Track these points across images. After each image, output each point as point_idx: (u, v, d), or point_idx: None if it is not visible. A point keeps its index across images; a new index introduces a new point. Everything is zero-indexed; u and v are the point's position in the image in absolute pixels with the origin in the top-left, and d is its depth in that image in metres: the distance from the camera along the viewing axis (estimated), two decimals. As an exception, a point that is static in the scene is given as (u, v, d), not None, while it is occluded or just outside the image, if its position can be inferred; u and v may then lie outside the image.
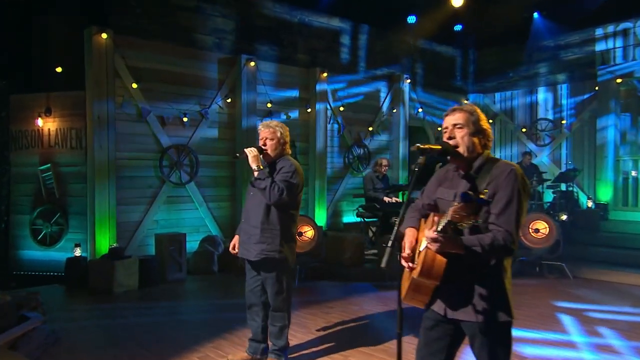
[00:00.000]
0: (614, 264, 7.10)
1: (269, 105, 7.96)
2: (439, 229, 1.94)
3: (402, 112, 9.87)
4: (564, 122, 10.09)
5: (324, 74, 8.55)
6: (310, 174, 8.57)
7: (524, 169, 5.39)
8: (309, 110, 8.57)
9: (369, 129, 9.54)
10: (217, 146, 7.56)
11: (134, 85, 6.63)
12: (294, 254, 3.62)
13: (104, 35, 6.25)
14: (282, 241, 3.47)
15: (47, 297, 5.11)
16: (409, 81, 9.92)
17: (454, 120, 2.17)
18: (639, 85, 9.18)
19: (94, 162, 6.28)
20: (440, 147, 2.13)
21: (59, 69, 6.67)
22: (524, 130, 10.67)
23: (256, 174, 3.43)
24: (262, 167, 3.44)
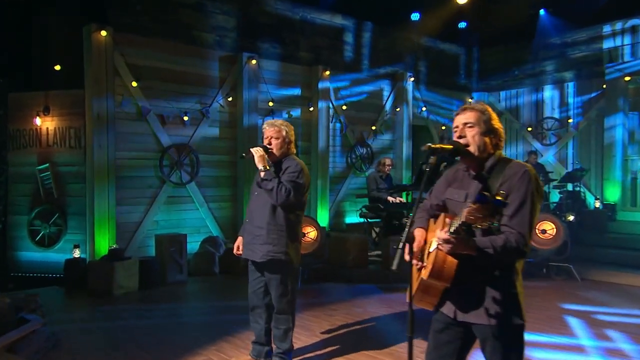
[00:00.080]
0: (623, 266, 7.02)
1: (271, 103, 7.91)
2: (452, 230, 1.91)
3: (406, 111, 9.77)
4: (570, 120, 10.01)
5: (327, 72, 8.46)
6: (312, 173, 8.47)
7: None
8: (311, 108, 8.49)
9: (372, 128, 9.44)
10: (218, 145, 7.51)
11: (134, 83, 6.57)
12: (299, 255, 3.59)
13: (103, 32, 6.21)
14: (288, 242, 3.44)
15: (45, 299, 5.08)
16: (412, 79, 9.82)
17: (465, 119, 2.14)
18: (648, 83, 9.11)
19: (93, 162, 6.23)
20: (451, 146, 2.10)
21: (58, 67, 6.61)
22: (529, 129, 10.56)
23: (263, 174, 3.39)
24: (268, 168, 3.39)
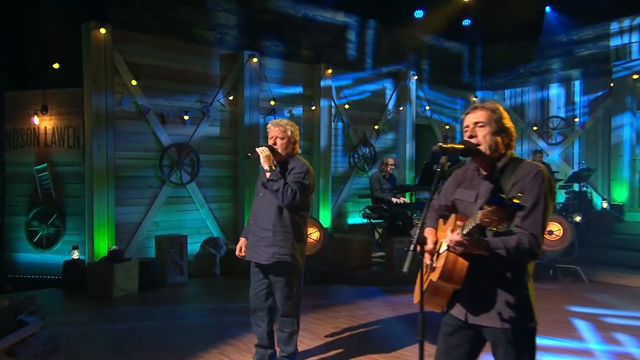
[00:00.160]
0: (631, 267, 6.91)
1: (272, 102, 7.82)
2: (465, 232, 1.89)
3: (409, 110, 9.67)
4: (576, 119, 9.88)
5: (329, 70, 8.36)
6: (314, 173, 8.37)
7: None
8: (313, 107, 8.39)
9: (375, 128, 9.33)
10: (219, 145, 7.43)
11: (134, 82, 6.50)
12: (304, 257, 3.54)
13: (102, 30, 6.14)
14: (294, 243, 3.40)
15: (44, 302, 5.00)
16: (415, 78, 9.71)
17: (476, 118, 2.11)
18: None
19: (92, 162, 6.17)
20: (462, 146, 2.07)
21: (56, 65, 6.53)
22: (534, 128, 10.43)
23: (268, 174, 3.34)
24: (274, 168, 3.35)
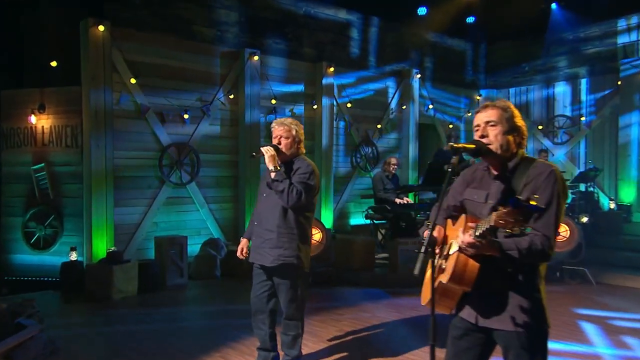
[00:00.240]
0: (639, 269, 6.80)
1: (273, 101, 7.73)
2: (478, 233, 1.86)
3: (412, 109, 9.56)
4: (583, 118, 9.75)
5: (331, 69, 8.27)
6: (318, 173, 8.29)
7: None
8: (315, 106, 8.29)
9: (378, 127, 9.21)
10: (219, 144, 7.35)
11: (133, 80, 6.43)
12: (309, 258, 3.49)
13: (100, 27, 6.09)
14: (299, 245, 3.34)
15: (42, 304, 4.96)
16: (418, 76, 9.60)
17: (487, 117, 2.08)
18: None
19: (90, 162, 6.12)
20: (474, 146, 2.05)
21: (54, 63, 6.45)
22: (540, 127, 10.31)
23: (273, 175, 3.28)
24: (279, 168, 3.28)
